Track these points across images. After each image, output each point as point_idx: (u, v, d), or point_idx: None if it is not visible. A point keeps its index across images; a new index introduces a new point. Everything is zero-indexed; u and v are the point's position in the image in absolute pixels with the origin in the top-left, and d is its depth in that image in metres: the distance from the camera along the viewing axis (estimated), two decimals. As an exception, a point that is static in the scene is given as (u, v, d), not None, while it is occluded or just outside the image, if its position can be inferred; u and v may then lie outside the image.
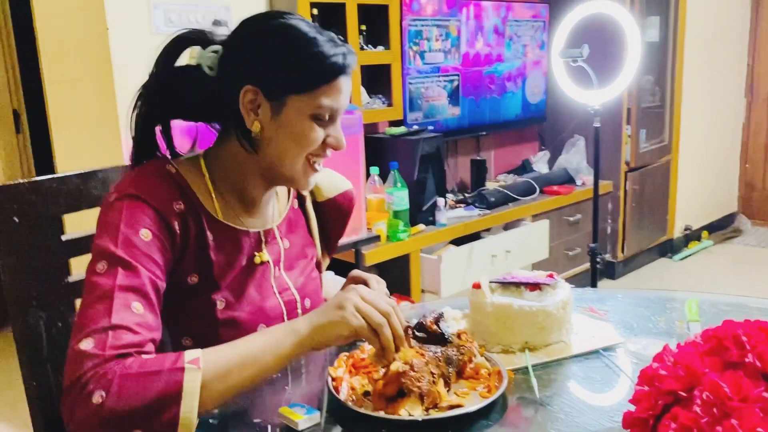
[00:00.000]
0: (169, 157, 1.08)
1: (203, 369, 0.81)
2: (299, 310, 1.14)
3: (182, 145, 1.12)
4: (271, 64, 1.00)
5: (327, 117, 1.02)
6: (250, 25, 1.04)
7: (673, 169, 4.32)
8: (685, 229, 4.59)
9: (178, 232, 0.98)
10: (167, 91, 1.04)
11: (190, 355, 0.82)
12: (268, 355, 0.87)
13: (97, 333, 0.83)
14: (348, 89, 1.04)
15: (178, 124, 1.11)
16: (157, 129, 1.07)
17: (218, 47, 1.03)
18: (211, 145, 1.10)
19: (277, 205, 1.17)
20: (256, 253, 1.09)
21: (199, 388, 0.80)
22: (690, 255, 4.49)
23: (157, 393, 0.79)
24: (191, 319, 1.03)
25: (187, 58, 1.07)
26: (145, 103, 1.05)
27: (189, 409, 0.79)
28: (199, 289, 1.02)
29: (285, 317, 1.12)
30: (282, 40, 1.00)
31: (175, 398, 0.79)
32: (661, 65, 4.18)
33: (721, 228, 4.98)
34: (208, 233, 1.03)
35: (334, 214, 1.28)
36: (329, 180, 1.27)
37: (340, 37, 1.04)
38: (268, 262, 1.11)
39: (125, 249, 0.90)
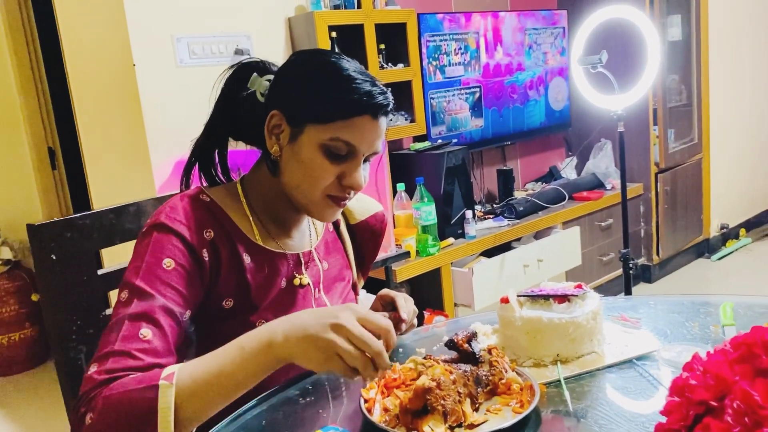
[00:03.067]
0: (205, 185, 1.12)
1: (177, 385, 0.82)
2: None
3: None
4: (298, 91, 1.03)
5: (344, 153, 1.02)
6: (296, 56, 1.08)
7: (705, 167, 4.25)
8: (722, 228, 4.50)
9: (207, 260, 1.00)
10: (228, 113, 1.10)
11: (167, 371, 0.84)
12: (244, 372, 0.85)
13: (101, 359, 0.87)
14: (376, 132, 1.03)
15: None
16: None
17: (271, 76, 1.08)
18: (249, 170, 1.14)
19: (314, 227, 1.20)
20: (296, 275, 1.11)
21: (172, 405, 0.81)
22: (728, 254, 4.40)
23: (134, 410, 0.81)
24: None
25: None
26: (209, 125, 1.11)
27: (165, 425, 0.80)
28: (236, 312, 1.04)
29: None
30: (316, 71, 1.03)
31: (151, 415, 0.80)
32: (686, 63, 4.13)
33: (760, 224, 4.87)
34: (245, 256, 1.05)
35: (366, 235, 1.30)
36: (360, 203, 1.29)
37: (382, 83, 1.04)
38: (309, 284, 1.13)
39: (145, 278, 0.93)
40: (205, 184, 1.12)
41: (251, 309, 1.05)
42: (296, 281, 1.11)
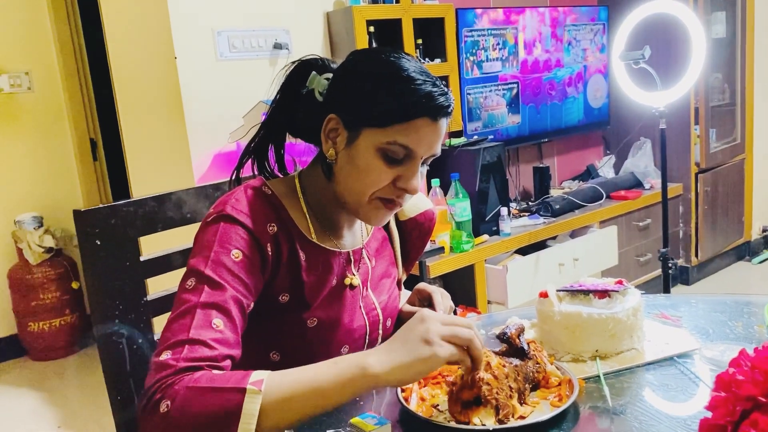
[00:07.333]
0: (265, 178, 1.10)
1: (264, 393, 0.81)
2: (380, 330, 1.16)
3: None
4: (355, 94, 1.00)
5: (401, 157, 0.99)
6: (354, 56, 1.05)
7: (747, 168, 4.15)
8: (764, 231, 4.39)
9: (271, 254, 1.00)
10: (286, 110, 1.09)
11: (255, 376, 0.83)
12: (335, 391, 0.84)
13: (175, 345, 0.86)
14: (435, 135, 1.00)
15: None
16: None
17: (330, 75, 1.06)
18: (307, 165, 1.13)
19: (364, 224, 1.18)
20: (347, 275, 1.10)
21: (257, 411, 0.80)
22: (770, 257, 4.29)
23: (217, 409, 0.80)
24: (281, 335, 1.05)
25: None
26: (268, 120, 1.10)
27: (246, 430, 0.79)
28: (290, 307, 1.04)
29: (367, 337, 1.13)
30: (374, 72, 1.00)
31: (233, 418, 0.79)
32: (730, 62, 4.03)
33: (804, 228, 4.74)
34: (301, 254, 1.04)
35: (414, 233, 1.28)
36: (411, 200, 1.27)
37: (444, 83, 1.01)
38: (358, 285, 1.12)
39: (214, 268, 0.93)
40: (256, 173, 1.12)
41: (304, 306, 1.05)
42: (347, 281, 1.10)
